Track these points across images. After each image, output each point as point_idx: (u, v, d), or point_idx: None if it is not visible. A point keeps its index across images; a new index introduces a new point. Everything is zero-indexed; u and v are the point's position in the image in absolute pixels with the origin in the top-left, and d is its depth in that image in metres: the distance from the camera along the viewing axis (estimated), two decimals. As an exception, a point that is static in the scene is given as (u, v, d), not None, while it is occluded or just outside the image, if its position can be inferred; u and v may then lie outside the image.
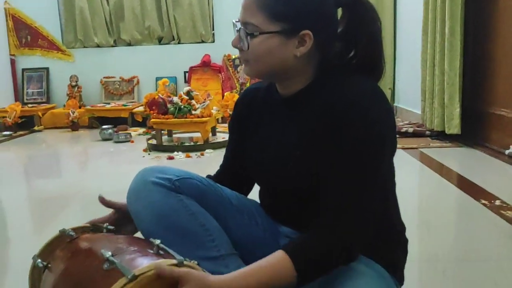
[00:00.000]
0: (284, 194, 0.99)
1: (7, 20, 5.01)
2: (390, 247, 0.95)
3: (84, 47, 5.12)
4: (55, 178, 3.03)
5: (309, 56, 0.88)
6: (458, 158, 2.94)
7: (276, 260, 0.78)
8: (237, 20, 0.90)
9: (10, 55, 5.07)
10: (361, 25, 0.89)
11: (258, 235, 1.04)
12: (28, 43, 5.11)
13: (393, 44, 4.66)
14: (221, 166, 1.17)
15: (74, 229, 0.97)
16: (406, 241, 0.99)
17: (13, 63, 5.10)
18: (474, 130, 3.15)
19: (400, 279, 0.96)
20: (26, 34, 5.09)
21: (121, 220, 1.05)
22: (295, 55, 0.87)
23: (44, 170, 3.23)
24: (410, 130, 3.51)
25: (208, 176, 1.14)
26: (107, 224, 1.01)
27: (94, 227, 1.03)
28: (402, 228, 0.99)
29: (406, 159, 2.81)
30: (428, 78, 3.41)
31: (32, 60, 5.12)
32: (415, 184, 2.48)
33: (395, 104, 4.59)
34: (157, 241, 0.79)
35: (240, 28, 0.89)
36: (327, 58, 0.91)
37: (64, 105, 4.87)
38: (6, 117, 4.52)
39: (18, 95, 5.11)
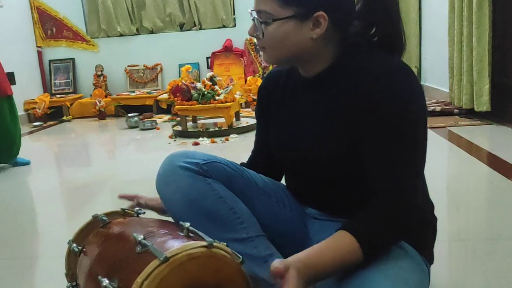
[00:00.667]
0: (310, 175, 0.99)
1: (32, 13, 5.11)
2: (418, 225, 0.94)
3: (108, 36, 5.18)
4: (84, 166, 3.11)
5: (327, 37, 0.87)
6: (488, 135, 2.87)
7: (341, 240, 0.78)
8: (252, 9, 0.90)
9: (37, 47, 5.18)
10: (379, 1, 0.88)
11: (285, 216, 1.05)
12: (53, 34, 5.20)
13: (418, 22, 4.54)
14: (252, 152, 1.19)
15: (106, 214, 1.01)
16: (435, 219, 0.99)
17: (40, 55, 5.21)
18: (504, 107, 3.06)
19: (429, 259, 0.95)
20: (51, 25, 5.18)
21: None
22: (311, 37, 0.86)
23: (74, 158, 3.32)
24: (438, 108, 3.44)
25: (242, 164, 1.15)
26: (138, 208, 1.03)
27: (125, 212, 1.07)
28: (430, 206, 0.98)
29: (434, 138, 2.76)
30: (456, 54, 3.31)
31: (58, 51, 5.22)
32: (444, 163, 2.44)
33: (421, 83, 4.49)
34: (187, 224, 0.81)
35: (254, 17, 0.89)
36: (347, 37, 0.90)
37: (91, 95, 4.97)
38: (36, 108, 4.64)
39: (46, 86, 5.24)
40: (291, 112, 1.01)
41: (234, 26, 5.06)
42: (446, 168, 2.38)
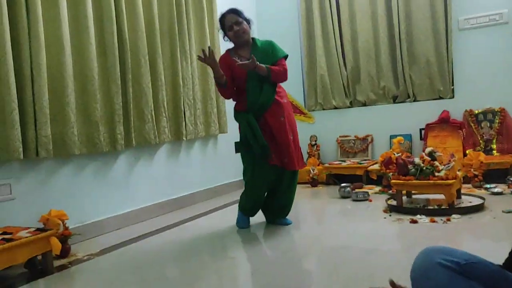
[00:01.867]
0: None
1: (261, 90, 5.90)
2: None
3: (323, 109, 5.58)
4: (296, 229, 3.27)
5: None
6: None
7: None
8: None
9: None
10: None
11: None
12: (276, 108, 5.88)
13: None
14: None
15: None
16: None
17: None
18: None
19: None
20: (275, 100, 5.88)
21: None
22: None
23: (295, 223, 3.57)
24: None
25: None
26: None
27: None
28: None
29: None
30: None
31: (279, 123, 5.84)
32: None
33: None
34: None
35: None
36: None
37: (305, 163, 5.35)
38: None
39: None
40: None
41: (452, 97, 4.86)
42: None
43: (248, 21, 3.19)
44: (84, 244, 3.10)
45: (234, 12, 3.15)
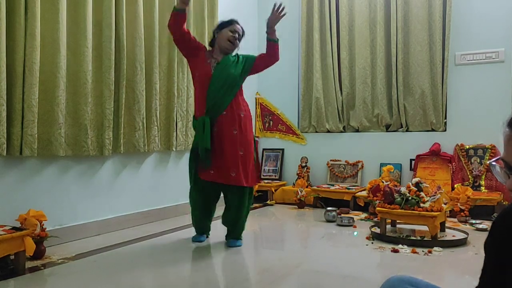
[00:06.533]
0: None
1: (256, 108, 5.93)
2: None
3: (316, 132, 5.59)
4: (278, 249, 3.27)
5: None
6: None
7: None
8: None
9: (255, 137, 5.91)
10: None
11: None
12: (270, 127, 5.90)
13: None
14: None
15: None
16: None
17: (256, 143, 5.90)
18: None
19: None
20: (269, 119, 5.90)
21: None
22: None
23: (270, 241, 3.54)
24: None
25: None
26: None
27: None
28: None
29: None
30: None
31: (271, 141, 5.86)
32: None
33: None
34: None
35: None
36: None
37: (294, 184, 5.33)
38: (246, 190, 5.19)
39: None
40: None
41: (444, 130, 4.88)
42: None
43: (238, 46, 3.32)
44: (60, 247, 3.05)
45: (242, 30, 3.31)
